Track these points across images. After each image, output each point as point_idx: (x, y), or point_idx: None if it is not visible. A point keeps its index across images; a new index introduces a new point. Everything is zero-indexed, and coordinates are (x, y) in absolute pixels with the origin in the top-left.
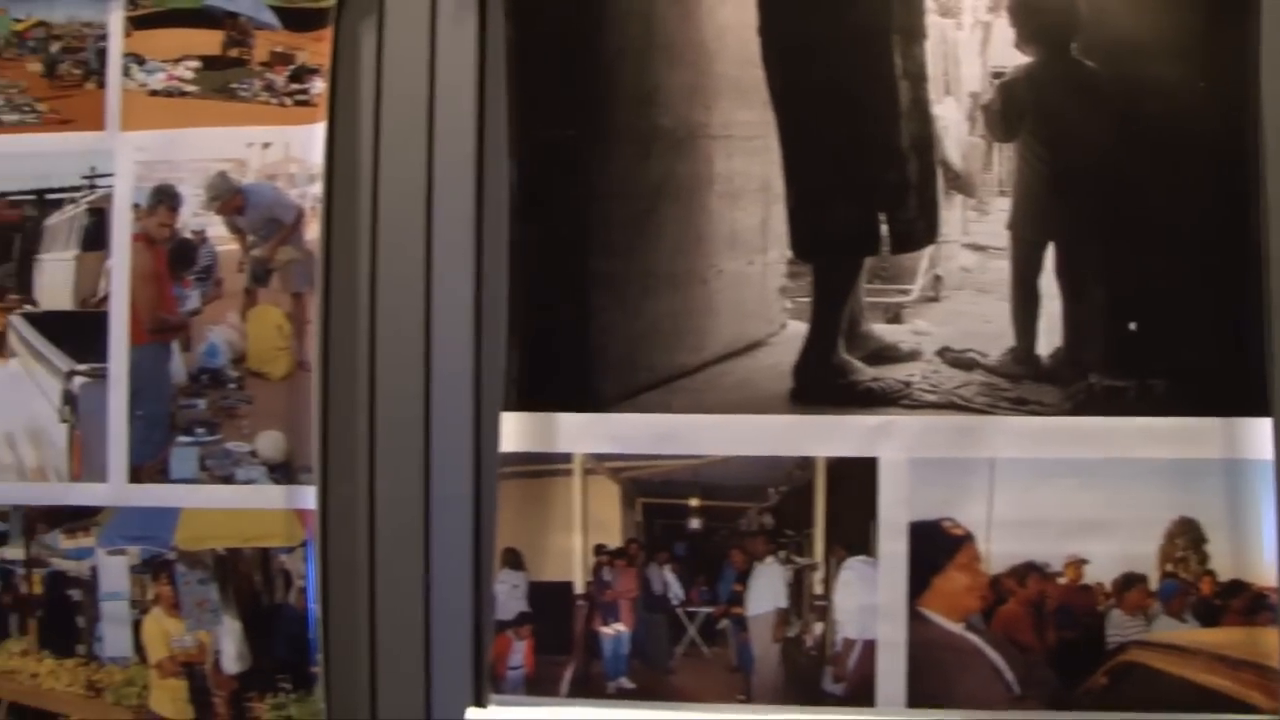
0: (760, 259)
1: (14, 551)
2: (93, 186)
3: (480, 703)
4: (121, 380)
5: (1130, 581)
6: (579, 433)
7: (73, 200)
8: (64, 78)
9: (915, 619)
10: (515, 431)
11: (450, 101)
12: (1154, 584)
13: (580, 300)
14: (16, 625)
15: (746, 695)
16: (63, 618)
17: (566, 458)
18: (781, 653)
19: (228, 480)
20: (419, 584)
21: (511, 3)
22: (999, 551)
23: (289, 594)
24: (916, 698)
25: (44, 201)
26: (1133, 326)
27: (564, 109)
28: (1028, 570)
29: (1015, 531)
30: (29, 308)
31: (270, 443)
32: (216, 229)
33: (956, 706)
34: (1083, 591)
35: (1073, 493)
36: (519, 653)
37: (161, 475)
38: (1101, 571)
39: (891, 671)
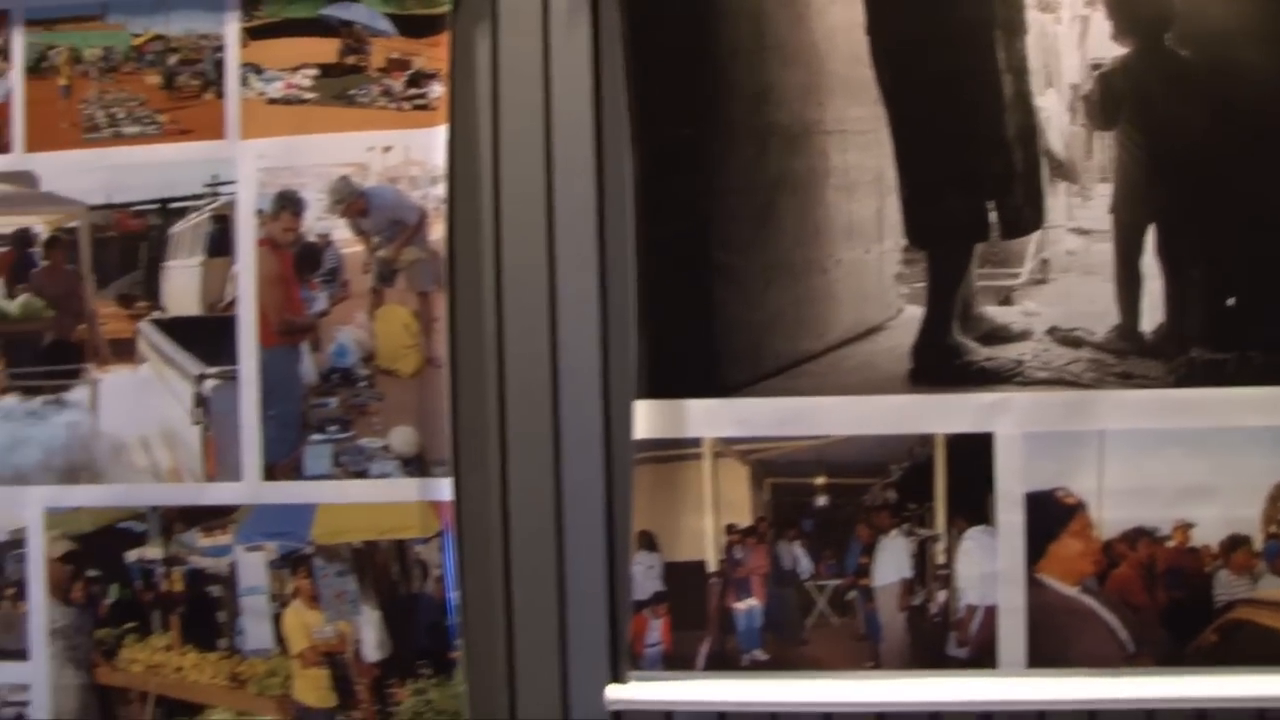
0: (876, 248)
1: (153, 551)
2: (215, 194)
3: (619, 680)
4: (252, 381)
5: (1236, 543)
6: (708, 418)
7: (196, 208)
8: (183, 89)
9: (1033, 584)
10: (647, 419)
11: (567, 101)
12: (1258, 545)
13: (705, 292)
14: (159, 621)
15: (875, 662)
16: (204, 613)
17: (696, 442)
18: (907, 621)
19: (362, 475)
20: (553, 569)
21: (625, 3)
22: (1110, 518)
23: (426, 583)
24: (1036, 659)
25: (168, 210)
26: (1231, 302)
27: (682, 107)
28: (1138, 535)
29: (1125, 499)
30: (157, 314)
31: (403, 437)
32: (341, 232)
33: (1074, 666)
34: (1190, 554)
35: (1179, 461)
36: (656, 630)
37: (296, 473)
38: (1208, 534)
39: (1012, 635)
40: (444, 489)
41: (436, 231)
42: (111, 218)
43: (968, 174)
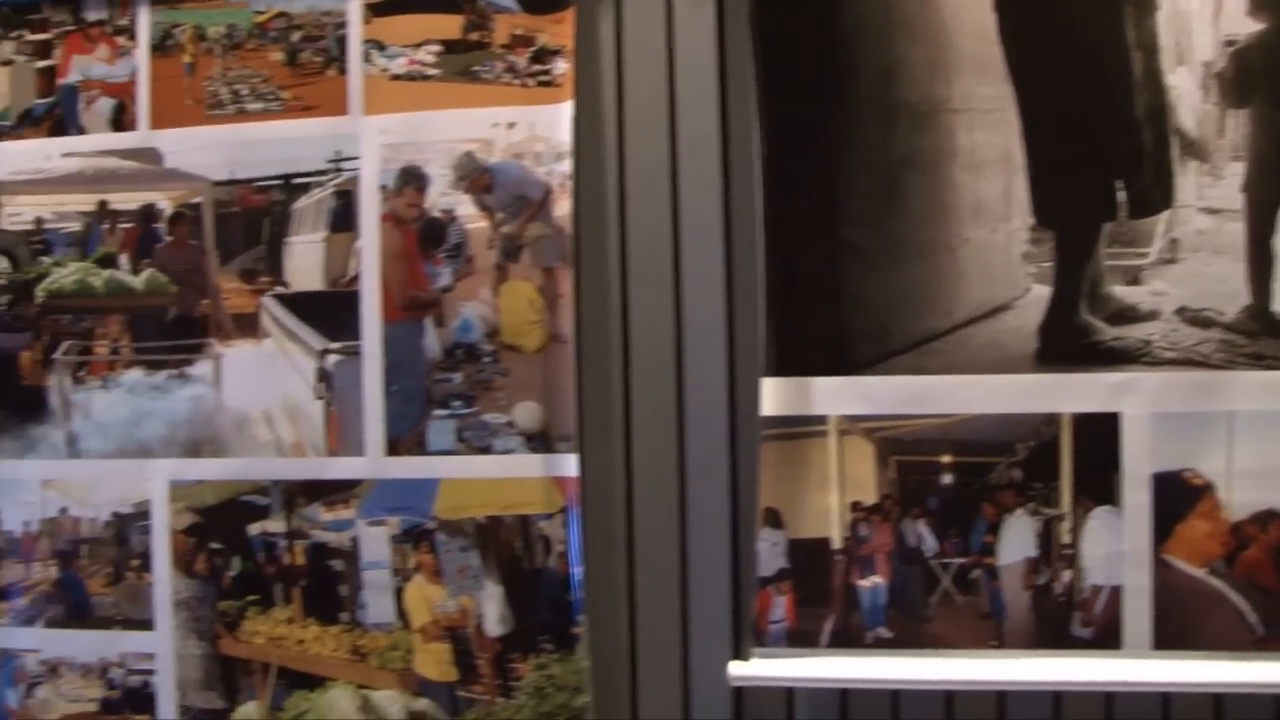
0: (1004, 227)
1: (275, 524)
2: (338, 170)
3: (741, 656)
4: (375, 357)
5: None
6: (834, 396)
7: (319, 184)
8: (305, 66)
9: (1159, 565)
10: (773, 396)
11: (691, 76)
12: None
13: (832, 270)
14: (281, 594)
15: (999, 641)
16: (325, 587)
17: (822, 420)
18: (1031, 600)
19: (486, 451)
20: (676, 545)
21: None
22: (1239, 500)
23: (549, 558)
24: (1162, 640)
25: (291, 186)
26: None
27: (808, 84)
28: (1268, 517)
29: (1255, 480)
30: (280, 289)
31: (527, 413)
32: (465, 208)
33: (1201, 648)
34: None
35: None
36: (780, 607)
37: (419, 448)
38: None
39: (1137, 616)
40: (569, 465)
41: (561, 208)
42: (235, 193)
43: (1096, 153)
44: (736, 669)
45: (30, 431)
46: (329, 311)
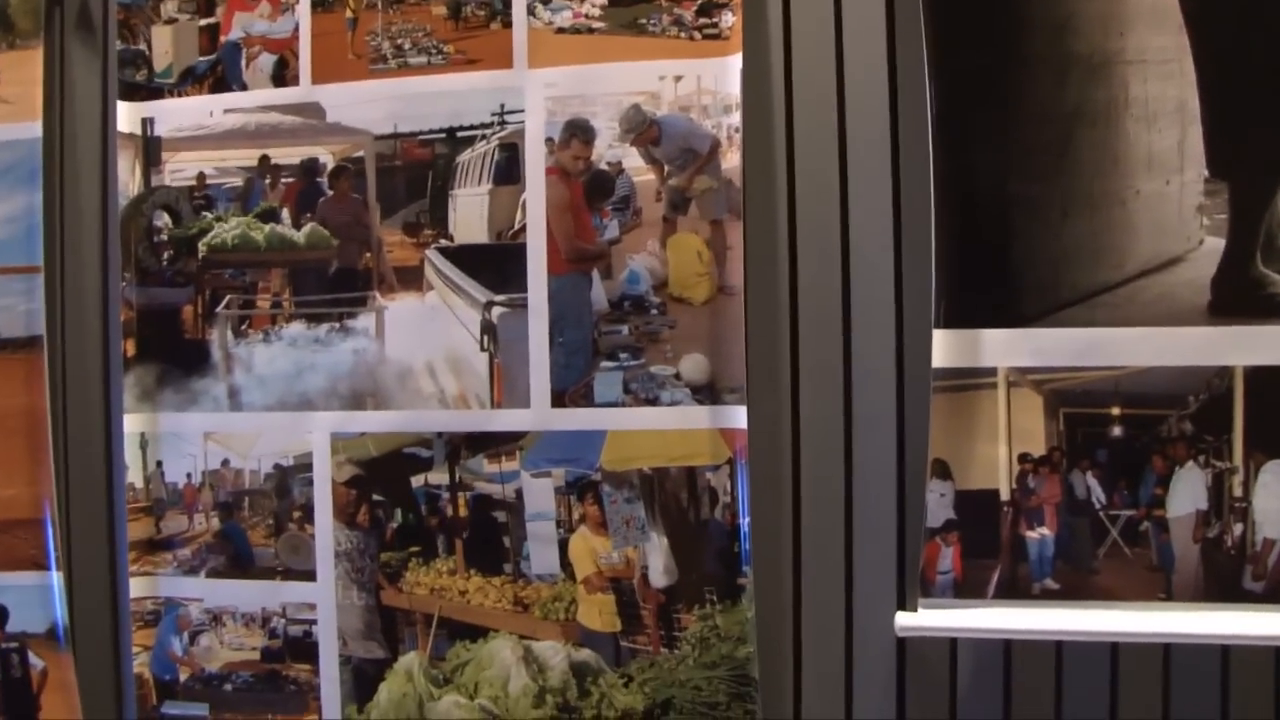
0: (1177, 179)
1: (438, 476)
2: (503, 123)
3: (908, 607)
4: (541, 309)
5: None
6: (1004, 348)
7: (484, 137)
8: (469, 20)
9: None
10: (943, 348)
11: (859, 27)
12: None
13: (1003, 222)
14: (443, 546)
15: (1167, 594)
16: (488, 538)
17: (991, 371)
18: (1201, 553)
19: (653, 403)
20: (841, 496)
21: None
22: None
23: (715, 510)
24: None
25: (455, 139)
26: None
27: (980, 35)
28: None
29: None
30: (445, 242)
31: (694, 365)
32: (632, 160)
33: None
34: None
35: None
36: (947, 558)
37: (585, 400)
38: None
39: None
40: (736, 416)
41: (729, 160)
42: (397, 147)
43: (1274, 103)
44: (903, 619)
45: (192, 385)
46: (494, 264)
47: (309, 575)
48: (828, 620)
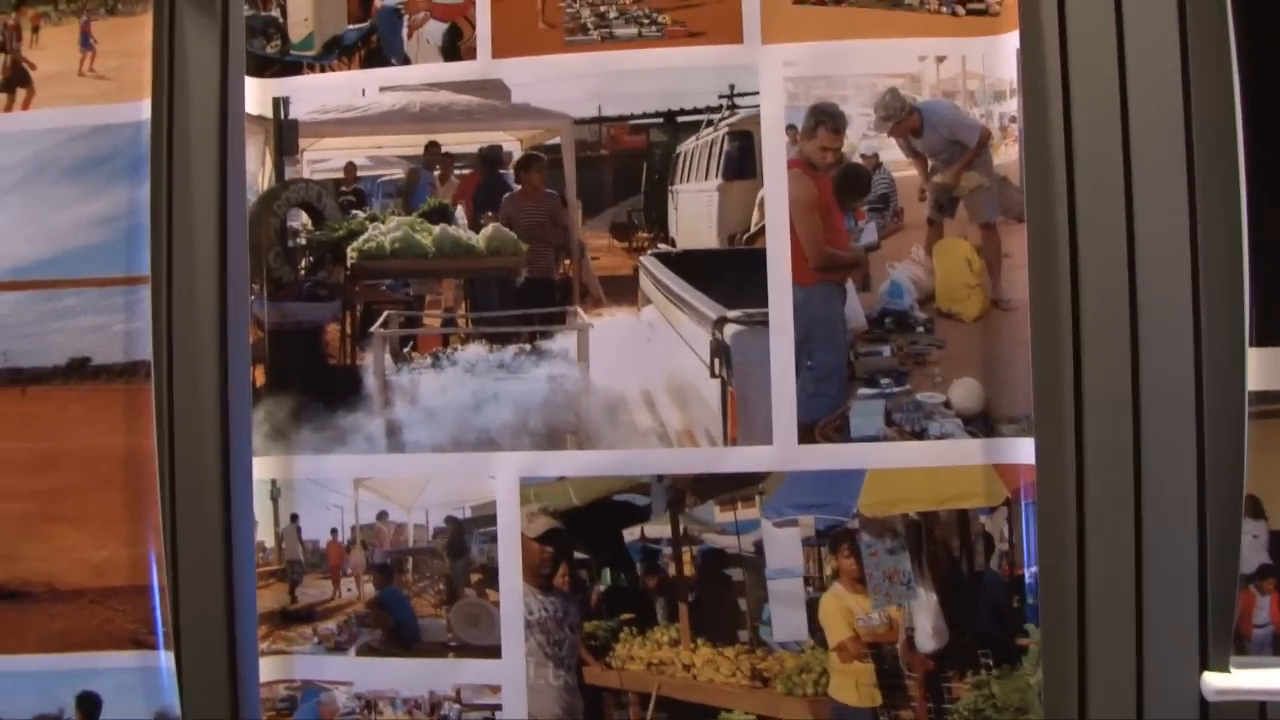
0: None
1: (658, 529)
2: (733, 106)
3: (1216, 666)
4: (786, 327)
5: None
6: None
7: (710, 122)
8: None
9: None
10: (1262, 368)
11: (1144, 4)
12: None
13: None
14: (664, 611)
15: None
16: (720, 601)
17: None
18: None
19: (919, 436)
20: (1132, 540)
21: None
22: None
23: (990, 559)
24: None
25: (674, 124)
26: None
27: None
28: None
29: None
30: (664, 247)
31: (966, 391)
32: (891, 153)
33: None
34: None
35: None
36: (1264, 609)
37: (839, 434)
38: None
39: None
40: (1016, 450)
41: (1000, 155)
42: (603, 133)
43: None
44: (1213, 681)
45: (339, 421)
46: (726, 273)
47: (491, 651)
48: (1119, 683)
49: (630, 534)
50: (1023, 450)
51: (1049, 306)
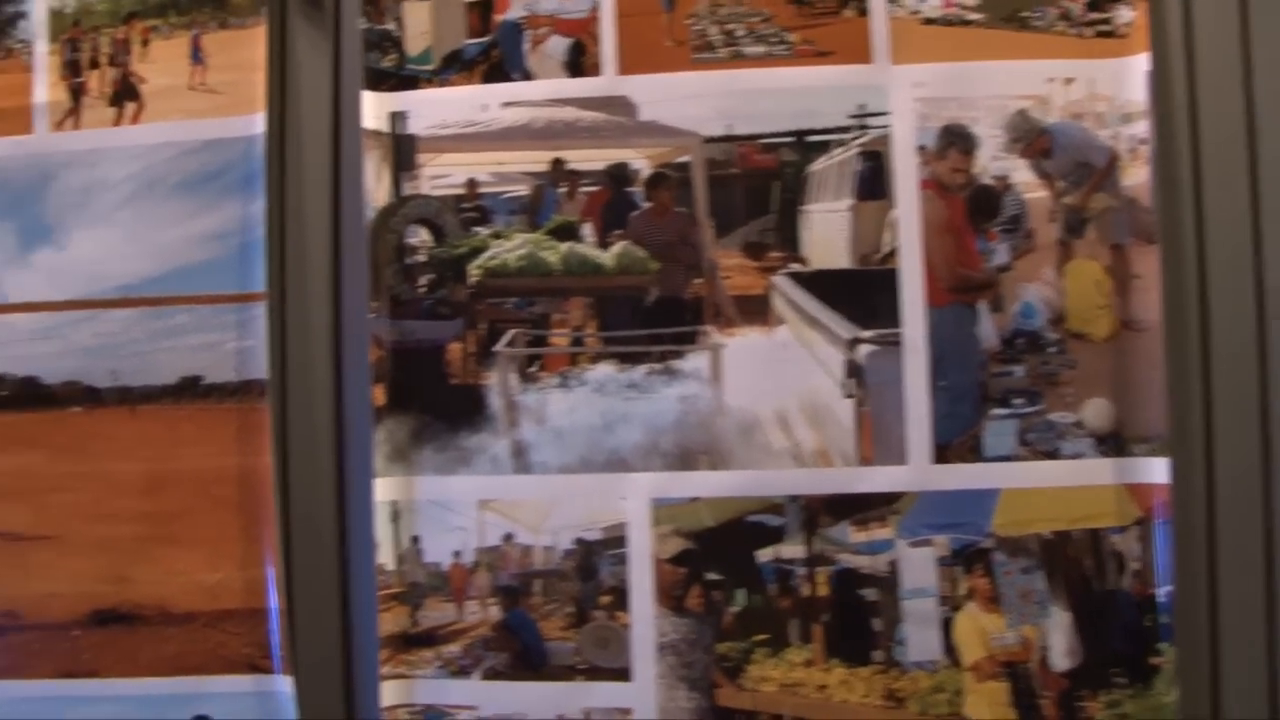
0: None
1: (792, 549)
2: (863, 127)
3: None
4: (919, 347)
5: None
6: None
7: (840, 142)
8: (815, 4)
9: None
10: None
11: (1273, 26)
12: None
13: None
14: (798, 632)
15: None
16: (855, 621)
17: None
18: None
19: (1052, 455)
20: (1262, 556)
21: None
22: None
23: (1122, 578)
24: None
25: (804, 144)
26: None
27: None
28: None
29: None
30: (796, 266)
31: (1097, 411)
32: (1021, 174)
33: None
34: None
35: None
36: None
37: (973, 453)
38: None
39: None
40: (1148, 470)
41: (1129, 176)
42: (733, 152)
43: None
44: None
45: (462, 441)
46: (859, 293)
47: (621, 674)
48: (1253, 701)
49: (764, 555)
50: (1154, 470)
51: (1180, 327)
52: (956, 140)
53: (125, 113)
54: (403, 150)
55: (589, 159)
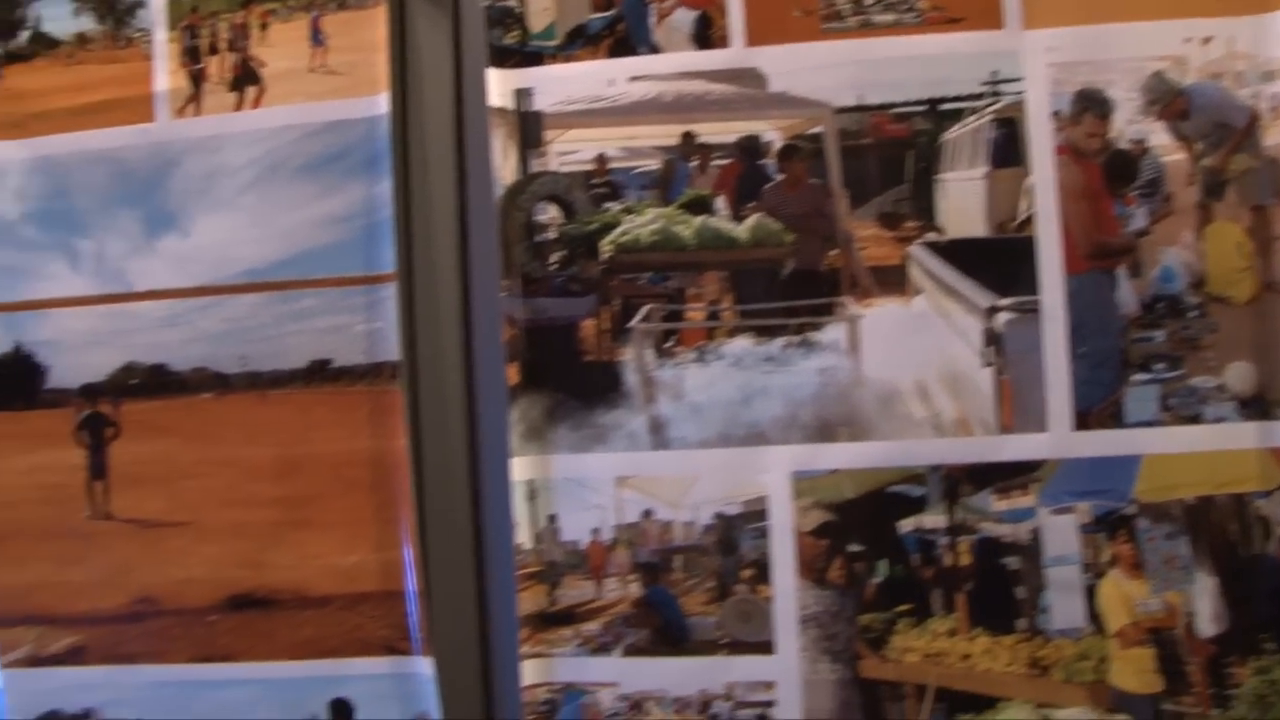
0: None
1: (934, 519)
2: (996, 93)
3: None
4: (1057, 314)
5: None
6: None
7: (973, 110)
8: None
9: None
10: None
11: None
12: None
13: None
14: (941, 602)
15: None
16: (998, 590)
17: None
18: None
19: (1194, 420)
20: None
21: None
22: None
23: (1267, 543)
24: None
25: (937, 113)
26: None
27: None
28: None
29: None
30: (932, 236)
31: (1239, 375)
32: (1158, 137)
33: None
34: None
35: None
36: None
37: (1114, 420)
38: None
39: None
40: None
41: (1271, 136)
42: (865, 122)
43: None
44: None
45: (598, 418)
46: (996, 261)
47: (764, 648)
48: None
49: (906, 525)
50: None
51: None
52: (1091, 105)
53: (246, 97)
54: (529, 127)
55: (720, 132)
